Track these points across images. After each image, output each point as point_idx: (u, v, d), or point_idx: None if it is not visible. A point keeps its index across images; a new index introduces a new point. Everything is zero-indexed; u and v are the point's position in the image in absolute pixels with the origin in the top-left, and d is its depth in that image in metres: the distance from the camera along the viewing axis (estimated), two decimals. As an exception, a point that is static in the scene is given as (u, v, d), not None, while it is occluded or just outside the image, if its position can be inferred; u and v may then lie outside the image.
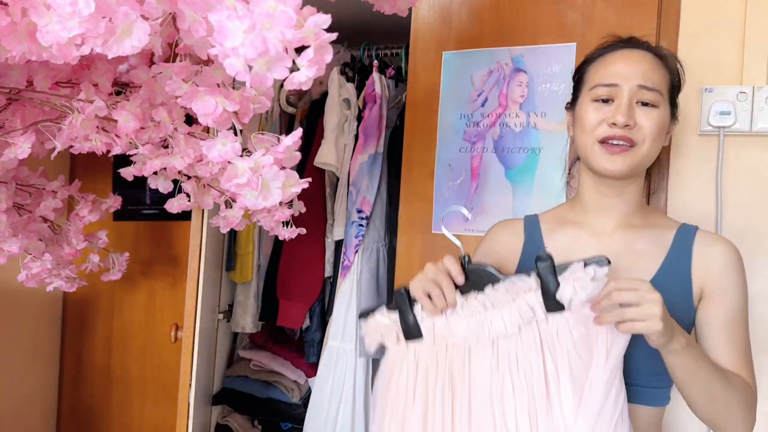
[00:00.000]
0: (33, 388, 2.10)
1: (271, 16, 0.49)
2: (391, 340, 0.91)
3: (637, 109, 0.91)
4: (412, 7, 0.95)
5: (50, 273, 1.13)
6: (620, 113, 0.89)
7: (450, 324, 0.87)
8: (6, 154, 0.80)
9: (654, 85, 0.91)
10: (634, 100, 0.91)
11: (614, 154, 0.91)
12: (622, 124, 0.89)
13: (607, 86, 0.92)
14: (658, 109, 0.91)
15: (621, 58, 0.94)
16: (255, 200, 0.63)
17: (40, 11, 0.50)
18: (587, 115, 0.94)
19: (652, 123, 0.91)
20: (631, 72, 0.91)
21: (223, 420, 1.92)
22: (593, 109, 0.93)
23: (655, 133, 0.91)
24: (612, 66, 0.94)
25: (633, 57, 0.94)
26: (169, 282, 2.06)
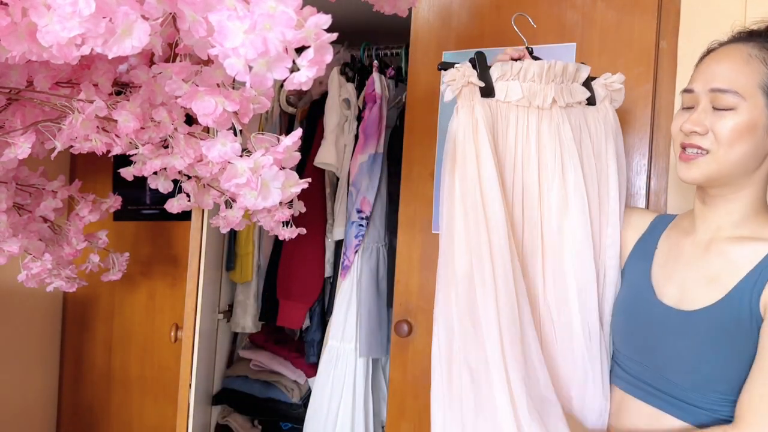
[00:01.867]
0: (33, 388, 2.10)
1: (271, 17, 0.49)
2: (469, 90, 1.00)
3: (713, 114, 0.87)
4: (412, 7, 0.95)
5: (50, 273, 1.13)
6: (689, 120, 0.88)
7: (509, 87, 1.01)
8: (6, 154, 0.80)
9: (729, 86, 0.85)
10: (710, 105, 0.87)
11: (687, 163, 0.89)
12: (688, 132, 0.88)
13: (686, 92, 0.91)
14: (736, 112, 0.85)
15: (713, 58, 0.90)
16: (255, 200, 0.63)
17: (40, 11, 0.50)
18: (673, 122, 0.94)
19: (726, 128, 0.85)
20: (709, 74, 0.88)
21: (223, 420, 1.92)
22: (677, 117, 0.93)
23: (733, 137, 0.85)
24: (700, 68, 0.91)
25: (721, 55, 0.89)
26: (169, 282, 2.06)
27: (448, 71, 0.99)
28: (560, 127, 1.02)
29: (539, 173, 1.02)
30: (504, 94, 1.00)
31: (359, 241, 1.68)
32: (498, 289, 0.92)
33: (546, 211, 1.02)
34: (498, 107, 1.00)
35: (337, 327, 1.70)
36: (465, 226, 0.94)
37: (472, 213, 0.94)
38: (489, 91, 1.00)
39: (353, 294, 1.69)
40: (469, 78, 0.98)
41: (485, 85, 0.99)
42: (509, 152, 1.01)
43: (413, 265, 1.49)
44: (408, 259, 1.50)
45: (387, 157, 1.74)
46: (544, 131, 1.01)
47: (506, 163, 1.01)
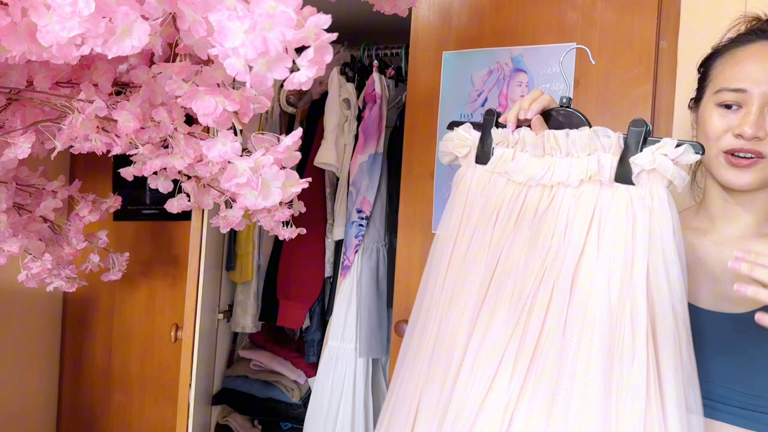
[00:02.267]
0: (33, 388, 2.10)
1: (271, 17, 0.49)
2: (461, 154, 0.94)
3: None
4: (412, 7, 0.95)
5: (50, 273, 1.13)
6: (748, 124, 0.80)
7: (517, 160, 0.87)
8: (6, 154, 0.80)
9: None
10: (765, 108, 0.81)
11: (741, 168, 0.82)
12: (751, 137, 0.80)
13: (735, 91, 0.82)
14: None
15: (753, 56, 0.83)
16: (255, 200, 0.63)
17: (40, 11, 0.50)
18: (711, 122, 0.85)
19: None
20: (764, 74, 0.81)
21: (223, 420, 1.92)
22: (718, 116, 0.84)
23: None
24: (742, 66, 0.83)
25: (764, 54, 0.82)
26: (169, 282, 2.06)
27: (447, 135, 0.96)
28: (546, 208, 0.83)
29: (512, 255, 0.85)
30: (495, 163, 0.89)
31: (359, 241, 1.68)
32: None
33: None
34: (489, 176, 0.91)
35: (337, 327, 1.70)
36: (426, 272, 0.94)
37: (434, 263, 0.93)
38: (483, 158, 0.92)
39: (353, 294, 1.69)
40: (455, 149, 0.94)
41: (482, 151, 0.92)
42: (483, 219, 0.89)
43: (413, 265, 1.49)
44: (408, 259, 1.50)
45: (387, 157, 1.74)
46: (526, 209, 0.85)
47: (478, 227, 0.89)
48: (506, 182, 0.88)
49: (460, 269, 0.89)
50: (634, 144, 0.76)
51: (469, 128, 0.94)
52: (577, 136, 0.80)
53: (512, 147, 0.88)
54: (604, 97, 1.31)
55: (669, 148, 0.73)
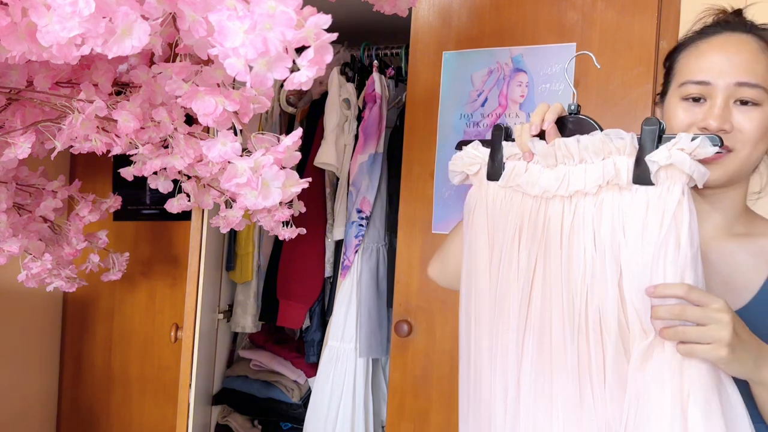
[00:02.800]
0: (33, 388, 2.10)
1: (271, 17, 0.49)
2: (472, 172, 0.91)
3: (734, 110, 0.79)
4: (412, 7, 0.95)
5: (50, 273, 1.13)
6: (713, 117, 0.78)
7: (530, 173, 0.83)
8: (6, 154, 0.80)
9: (757, 80, 0.78)
10: (730, 100, 0.79)
11: (708, 163, 0.76)
12: (716, 130, 0.78)
13: (699, 84, 0.80)
14: (761, 108, 0.78)
15: (717, 48, 0.81)
16: (255, 200, 0.63)
17: (40, 11, 0.50)
18: (676, 116, 0.83)
19: (753, 125, 0.78)
20: (729, 66, 0.79)
21: (223, 420, 1.92)
22: (683, 110, 0.82)
23: (757, 136, 0.78)
24: (706, 57, 0.81)
25: (731, 46, 0.80)
26: (169, 282, 2.06)
27: (456, 155, 0.93)
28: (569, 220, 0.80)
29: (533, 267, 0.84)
30: (508, 178, 0.86)
31: (359, 241, 1.68)
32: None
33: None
34: (504, 192, 0.88)
35: (337, 327, 1.70)
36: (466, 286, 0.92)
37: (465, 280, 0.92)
38: (494, 174, 0.89)
39: (353, 294, 1.69)
40: (465, 168, 0.92)
41: (493, 167, 0.89)
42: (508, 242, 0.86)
43: (413, 265, 1.49)
44: (408, 259, 1.50)
45: (387, 157, 1.74)
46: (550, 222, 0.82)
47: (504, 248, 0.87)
48: (522, 197, 0.85)
49: (495, 297, 0.86)
50: (649, 143, 0.74)
51: (478, 145, 0.91)
52: (589, 141, 0.78)
53: (524, 159, 0.86)
54: (605, 97, 1.31)
55: (685, 142, 0.71)
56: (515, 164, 0.86)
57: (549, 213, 0.82)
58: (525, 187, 0.84)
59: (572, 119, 0.83)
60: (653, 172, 0.73)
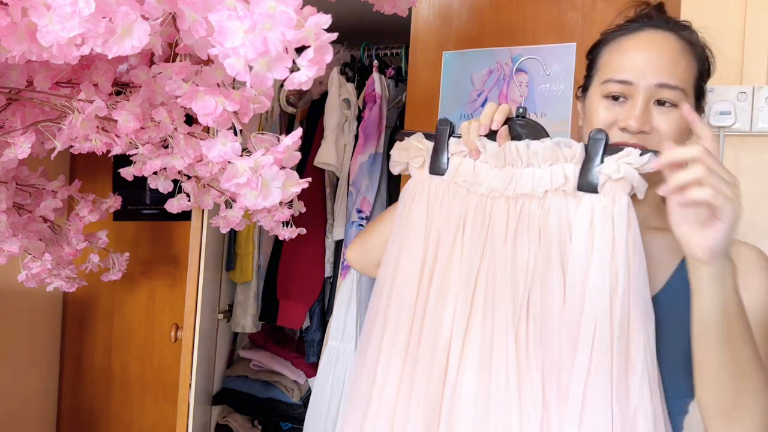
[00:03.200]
0: (33, 388, 2.10)
1: (271, 16, 0.49)
2: (416, 165, 0.90)
3: (654, 110, 0.80)
4: (412, 7, 0.95)
5: (50, 273, 1.13)
6: (633, 117, 0.79)
7: (478, 171, 0.84)
8: (6, 154, 0.80)
9: (676, 81, 0.79)
10: (651, 100, 0.79)
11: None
12: (636, 130, 0.79)
13: (621, 83, 0.80)
14: (679, 110, 0.79)
15: (640, 46, 0.81)
16: (255, 200, 0.63)
17: (40, 11, 0.50)
18: (597, 113, 0.83)
19: (672, 126, 0.79)
20: (650, 66, 0.79)
21: (223, 420, 1.92)
22: (604, 108, 0.83)
23: (675, 137, 0.79)
24: (628, 55, 0.81)
25: (654, 44, 0.81)
26: (169, 282, 2.06)
27: (396, 145, 0.93)
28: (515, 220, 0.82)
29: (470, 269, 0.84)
30: (454, 173, 0.87)
31: (359, 241, 1.68)
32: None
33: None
34: (447, 187, 0.88)
35: (337, 327, 1.70)
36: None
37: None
38: (439, 168, 0.89)
39: (353, 294, 1.69)
40: (409, 159, 0.91)
41: (437, 161, 0.88)
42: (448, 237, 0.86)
43: (413, 265, 1.49)
44: (408, 259, 1.49)
45: (387, 157, 1.74)
46: (494, 221, 0.83)
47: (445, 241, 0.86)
48: (467, 192, 0.86)
49: (428, 288, 0.86)
50: (597, 153, 0.77)
51: (422, 138, 0.91)
52: (540, 147, 0.80)
53: (471, 157, 0.86)
54: (604, 97, 1.31)
55: (634, 158, 0.74)
56: (462, 161, 0.87)
57: (494, 211, 0.83)
58: (472, 185, 0.85)
59: (519, 121, 0.85)
60: (601, 183, 0.76)
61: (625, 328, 0.75)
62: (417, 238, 0.88)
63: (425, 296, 0.86)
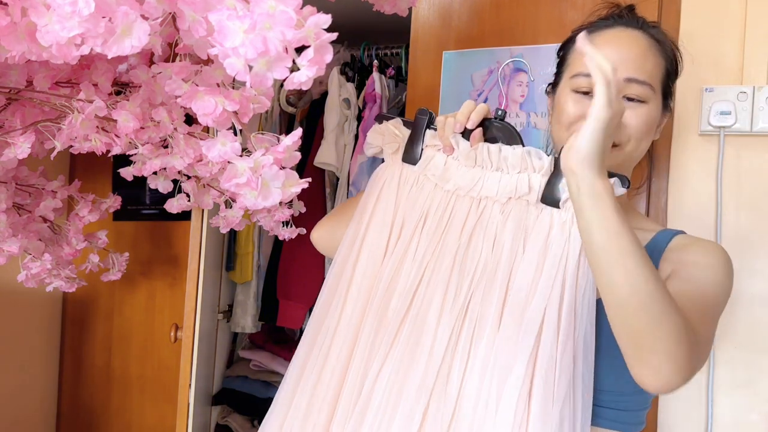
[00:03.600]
0: (33, 388, 2.10)
1: (271, 16, 0.49)
2: (390, 150, 0.90)
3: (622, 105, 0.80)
4: (412, 7, 0.95)
5: (50, 273, 1.13)
6: None
7: (448, 168, 0.85)
8: (6, 154, 0.80)
9: (645, 77, 0.80)
10: (619, 95, 0.77)
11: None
12: None
13: (589, 76, 0.77)
14: (647, 105, 0.81)
15: (609, 42, 0.82)
16: (255, 200, 0.63)
17: (39, 11, 0.50)
18: (566, 107, 0.84)
19: (640, 121, 0.80)
20: (619, 61, 0.79)
21: (223, 420, 1.92)
22: (573, 102, 0.83)
23: (643, 132, 0.81)
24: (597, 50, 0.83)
25: (624, 41, 0.82)
26: (169, 282, 2.06)
27: (376, 127, 0.92)
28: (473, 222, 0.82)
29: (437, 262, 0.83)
30: (425, 165, 0.87)
31: (359, 241, 1.68)
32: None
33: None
34: (416, 178, 0.88)
35: (337, 327, 1.70)
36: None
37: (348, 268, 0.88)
38: (412, 158, 0.88)
39: (353, 294, 1.69)
40: (384, 144, 0.90)
41: (411, 150, 0.88)
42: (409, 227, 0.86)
43: (413, 265, 1.49)
44: (408, 259, 1.49)
45: (387, 157, 1.74)
46: (454, 219, 0.84)
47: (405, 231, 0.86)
48: (434, 187, 0.86)
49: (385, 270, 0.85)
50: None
51: (400, 124, 0.90)
52: (510, 153, 0.81)
53: (444, 152, 0.86)
54: (604, 97, 1.31)
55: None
56: (435, 155, 0.87)
57: (455, 209, 0.84)
58: (440, 180, 0.86)
59: (497, 124, 0.85)
60: (563, 199, 0.77)
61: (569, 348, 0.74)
62: (385, 222, 0.88)
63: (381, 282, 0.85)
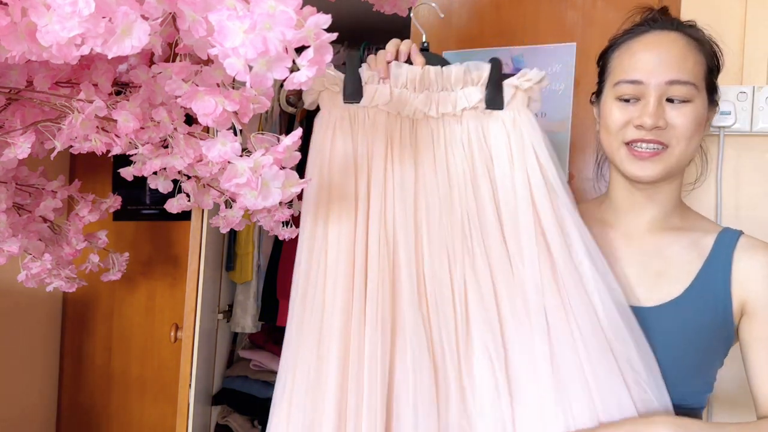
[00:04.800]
0: (33, 388, 2.10)
1: (271, 16, 0.49)
2: (334, 91, 0.91)
3: (667, 107, 0.81)
4: (412, 7, 0.95)
5: (50, 273, 1.12)
6: (648, 114, 0.80)
7: (398, 96, 0.89)
8: (6, 154, 0.80)
9: (687, 77, 0.81)
10: (663, 98, 0.81)
11: (644, 159, 0.82)
12: (651, 127, 0.80)
13: (632, 83, 0.83)
14: (692, 104, 0.82)
15: (647, 46, 0.84)
16: (255, 200, 0.63)
17: (40, 11, 0.50)
18: (612, 114, 0.85)
19: (686, 120, 0.81)
20: (659, 64, 0.81)
21: (223, 420, 1.92)
22: (618, 109, 0.85)
23: (691, 131, 0.82)
24: (637, 57, 0.84)
25: (662, 43, 0.83)
26: (169, 282, 2.06)
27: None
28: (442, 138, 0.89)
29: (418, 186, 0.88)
30: (371, 99, 0.89)
31: (359, 241, 1.68)
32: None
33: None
34: (366, 112, 0.90)
35: (337, 327, 1.70)
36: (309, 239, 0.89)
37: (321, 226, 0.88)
38: (355, 95, 0.89)
39: (353, 294, 1.68)
40: (326, 84, 0.91)
41: (352, 88, 0.89)
42: (378, 159, 0.88)
43: (413, 265, 1.49)
44: (408, 259, 1.49)
45: (387, 157, 1.74)
46: (421, 141, 0.89)
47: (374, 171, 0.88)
48: (388, 116, 0.90)
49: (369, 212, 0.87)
50: (498, 75, 0.90)
51: (332, 67, 0.91)
52: (454, 70, 0.89)
53: (384, 83, 0.89)
54: (604, 97, 1.31)
55: (532, 74, 0.88)
56: (377, 87, 0.90)
57: (420, 132, 0.90)
58: (394, 107, 0.89)
59: (426, 53, 0.93)
60: (507, 100, 0.89)
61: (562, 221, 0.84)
62: (347, 167, 0.89)
63: (365, 225, 0.86)
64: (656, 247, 0.87)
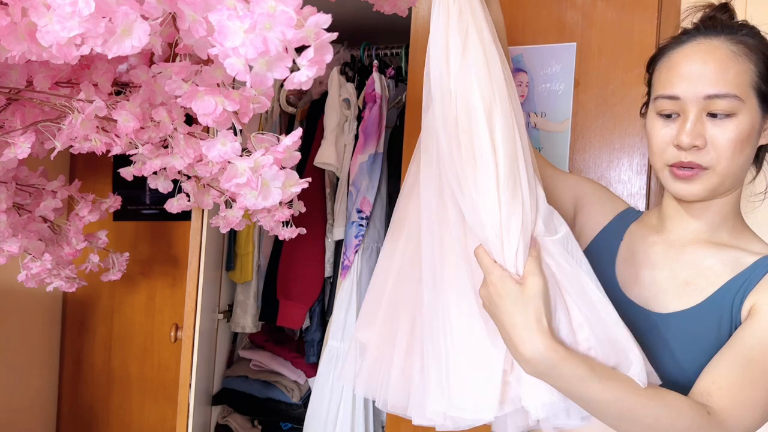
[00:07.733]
0: (33, 388, 2.10)
1: (271, 16, 0.49)
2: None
3: (708, 123, 0.78)
4: (412, 6, 0.95)
5: (50, 273, 1.12)
6: (685, 133, 0.78)
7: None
8: (6, 154, 0.80)
9: (727, 89, 0.77)
10: (703, 113, 0.78)
11: (686, 181, 0.80)
12: (688, 146, 0.78)
13: (670, 98, 0.80)
14: (736, 118, 0.77)
15: (687, 57, 0.80)
16: (255, 200, 0.63)
17: (40, 11, 0.50)
18: (654, 134, 0.83)
19: (728, 138, 0.77)
20: (697, 78, 0.78)
21: (223, 420, 1.92)
22: (660, 126, 0.82)
23: (732, 148, 0.77)
24: (675, 69, 0.80)
25: (699, 55, 0.79)
26: (169, 282, 2.06)
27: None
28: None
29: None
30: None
31: (359, 241, 1.68)
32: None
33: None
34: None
35: (337, 327, 1.70)
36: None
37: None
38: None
39: (353, 294, 1.69)
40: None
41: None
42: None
43: (413, 265, 1.49)
44: (408, 259, 1.49)
45: (387, 157, 1.74)
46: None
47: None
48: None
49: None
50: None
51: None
52: None
53: None
54: (604, 97, 1.31)
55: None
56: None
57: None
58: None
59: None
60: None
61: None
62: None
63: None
64: (693, 258, 0.86)
